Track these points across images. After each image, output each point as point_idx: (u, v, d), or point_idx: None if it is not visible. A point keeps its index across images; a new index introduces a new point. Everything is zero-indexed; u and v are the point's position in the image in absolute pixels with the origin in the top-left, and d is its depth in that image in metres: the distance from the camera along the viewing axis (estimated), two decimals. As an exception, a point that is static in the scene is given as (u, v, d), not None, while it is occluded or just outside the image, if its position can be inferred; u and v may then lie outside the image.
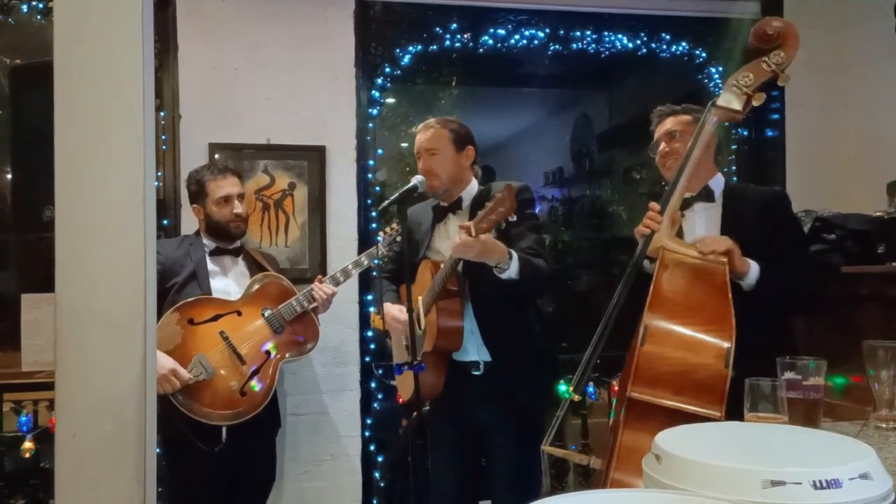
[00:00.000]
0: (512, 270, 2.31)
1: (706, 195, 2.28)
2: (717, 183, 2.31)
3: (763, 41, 2.01)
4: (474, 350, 2.49)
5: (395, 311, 2.59)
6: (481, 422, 2.53)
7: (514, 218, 2.19)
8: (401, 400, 2.78)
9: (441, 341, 2.42)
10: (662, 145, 2.34)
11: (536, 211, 2.73)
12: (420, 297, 2.51)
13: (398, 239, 2.72)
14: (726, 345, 1.69)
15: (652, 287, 1.83)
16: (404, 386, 2.61)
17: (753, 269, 2.07)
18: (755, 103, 2.02)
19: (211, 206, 2.80)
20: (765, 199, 2.30)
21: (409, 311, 2.26)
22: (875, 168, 3.53)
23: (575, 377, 2.03)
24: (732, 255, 1.94)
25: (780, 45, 2.00)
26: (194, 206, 2.86)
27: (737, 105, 2.00)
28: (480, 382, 2.49)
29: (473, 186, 2.60)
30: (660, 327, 1.76)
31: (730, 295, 1.79)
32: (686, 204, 2.23)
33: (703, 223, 2.26)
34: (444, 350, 2.46)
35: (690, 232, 2.24)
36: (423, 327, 2.47)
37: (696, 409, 1.65)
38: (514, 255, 2.32)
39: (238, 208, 2.80)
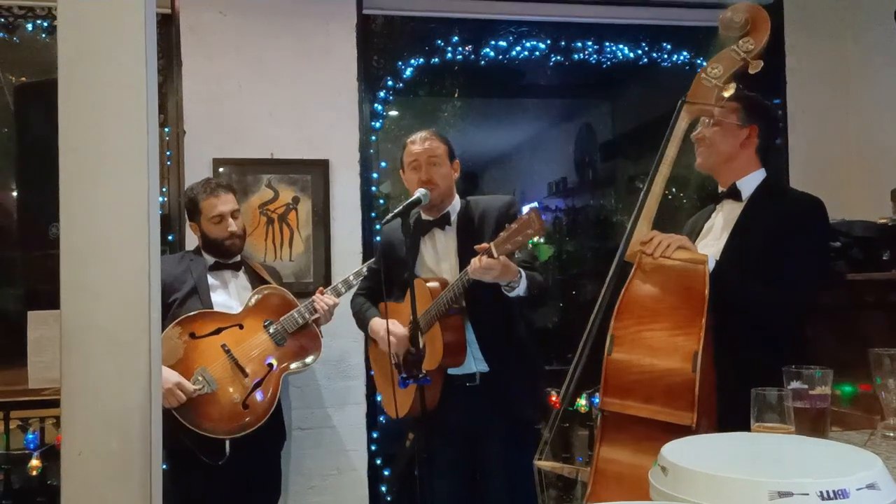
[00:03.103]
0: (521, 288, 2.31)
1: (733, 193, 2.12)
2: (751, 180, 2.12)
3: (731, 29, 1.98)
4: (471, 362, 2.48)
5: (391, 327, 2.46)
6: (476, 434, 2.52)
7: (542, 240, 2.16)
8: (398, 415, 2.68)
9: (447, 360, 2.42)
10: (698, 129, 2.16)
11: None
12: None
13: None
14: (693, 348, 1.62)
15: (622, 294, 1.80)
16: (400, 401, 2.56)
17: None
18: (725, 94, 1.97)
19: (205, 224, 2.80)
20: (788, 206, 2.07)
21: (416, 325, 2.24)
22: (879, 175, 3.52)
23: (563, 389, 2.00)
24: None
25: (749, 31, 1.96)
26: (191, 223, 2.88)
27: (706, 98, 1.96)
28: (475, 394, 2.48)
29: (458, 201, 2.60)
30: (626, 334, 1.73)
31: (706, 298, 1.69)
32: (717, 200, 2.17)
33: (722, 222, 2.15)
34: (447, 367, 2.46)
35: (709, 230, 2.18)
36: (422, 346, 2.43)
37: (665, 417, 1.61)
38: (523, 273, 2.32)
39: (232, 226, 2.79)
